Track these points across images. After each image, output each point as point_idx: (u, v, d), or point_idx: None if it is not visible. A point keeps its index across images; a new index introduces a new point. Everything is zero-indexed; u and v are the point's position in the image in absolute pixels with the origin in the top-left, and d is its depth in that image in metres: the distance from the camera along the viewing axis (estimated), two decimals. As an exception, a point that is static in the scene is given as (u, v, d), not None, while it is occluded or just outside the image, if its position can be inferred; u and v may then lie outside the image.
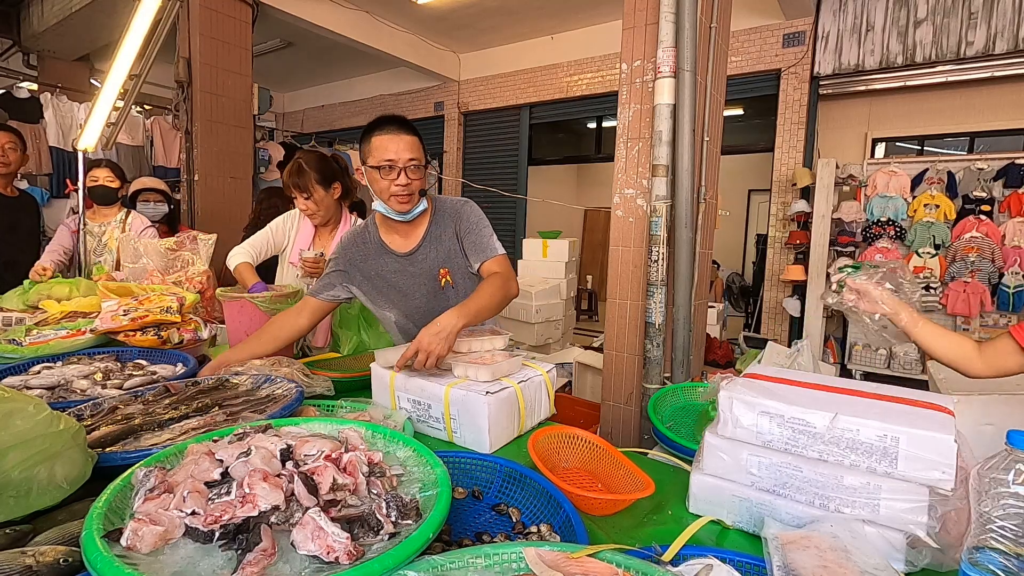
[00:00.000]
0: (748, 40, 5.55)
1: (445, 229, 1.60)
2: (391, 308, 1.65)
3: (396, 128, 1.47)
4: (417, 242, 1.59)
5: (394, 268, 1.62)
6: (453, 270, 1.59)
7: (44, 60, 6.02)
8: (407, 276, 1.61)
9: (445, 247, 1.59)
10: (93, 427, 0.97)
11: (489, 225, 1.61)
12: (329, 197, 2.07)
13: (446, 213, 1.61)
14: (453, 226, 1.59)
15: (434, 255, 1.59)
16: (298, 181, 2.00)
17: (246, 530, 0.63)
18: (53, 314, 1.77)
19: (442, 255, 1.59)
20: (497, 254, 1.56)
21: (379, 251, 1.63)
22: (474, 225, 1.58)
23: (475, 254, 1.57)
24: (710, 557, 0.65)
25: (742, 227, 8.33)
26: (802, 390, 0.88)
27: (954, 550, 0.69)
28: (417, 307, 1.62)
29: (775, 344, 2.52)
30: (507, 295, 1.48)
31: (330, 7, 5.70)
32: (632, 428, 2.50)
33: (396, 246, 1.61)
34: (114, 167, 2.87)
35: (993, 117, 4.95)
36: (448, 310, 1.30)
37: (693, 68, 2.20)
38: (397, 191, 1.46)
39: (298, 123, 9.48)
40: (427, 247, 1.59)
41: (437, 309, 1.50)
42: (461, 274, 1.60)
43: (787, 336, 5.60)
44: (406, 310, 1.64)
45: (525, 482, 0.91)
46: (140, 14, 2.47)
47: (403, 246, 1.61)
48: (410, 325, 1.63)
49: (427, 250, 1.59)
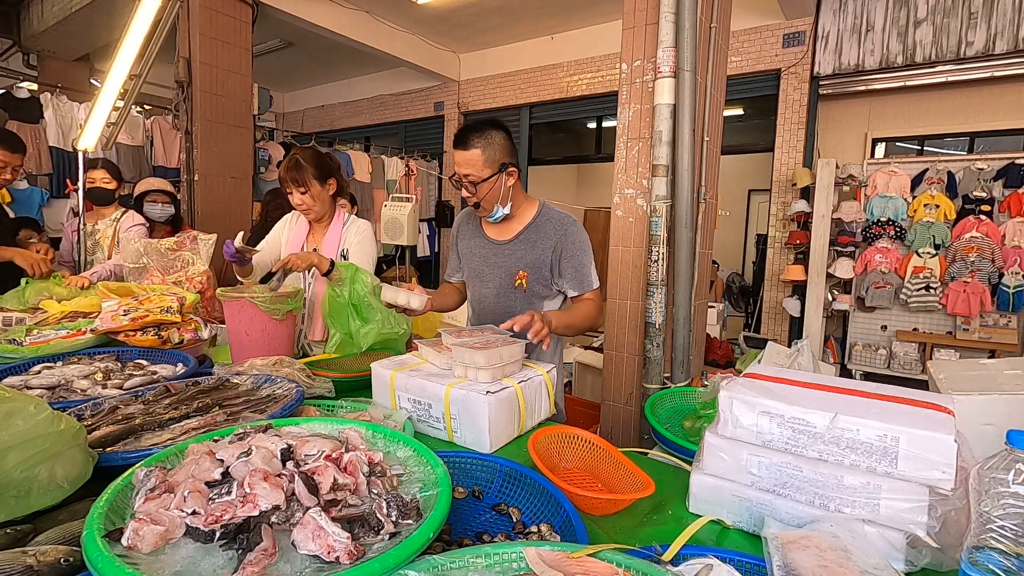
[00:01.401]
0: (748, 40, 5.55)
1: (544, 237, 1.63)
2: (470, 289, 1.77)
3: (457, 143, 1.56)
4: (511, 236, 1.67)
5: (482, 252, 1.71)
6: (532, 276, 1.63)
7: (44, 60, 6.02)
8: (490, 264, 1.69)
9: (535, 253, 1.63)
10: (93, 427, 0.97)
11: (591, 253, 1.65)
12: (325, 193, 2.07)
13: (551, 222, 1.64)
14: (554, 239, 1.61)
15: (520, 254, 1.64)
16: (296, 176, 2.01)
17: (247, 530, 0.63)
18: (53, 314, 1.77)
19: (528, 259, 1.63)
20: (594, 288, 1.62)
21: (477, 231, 1.74)
22: (579, 251, 1.61)
23: (574, 283, 1.61)
24: (710, 557, 0.65)
25: (742, 227, 8.32)
26: (802, 390, 0.88)
27: (954, 550, 0.69)
28: (485, 295, 1.70)
29: (775, 344, 2.51)
30: (595, 324, 1.62)
31: (330, 7, 5.70)
32: (632, 428, 2.50)
33: (492, 233, 1.70)
34: (111, 168, 2.88)
35: (993, 117, 4.95)
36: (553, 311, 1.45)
37: (693, 68, 2.20)
38: (471, 201, 1.60)
39: (298, 123, 9.48)
40: (517, 245, 1.66)
41: (503, 304, 1.67)
42: (541, 283, 1.63)
43: (787, 336, 5.60)
44: (478, 295, 1.74)
45: (525, 482, 0.91)
46: (140, 14, 2.47)
47: (499, 235, 1.69)
48: (478, 309, 1.74)
49: (516, 247, 1.66)
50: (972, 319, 4.71)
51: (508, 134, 1.58)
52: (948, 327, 4.92)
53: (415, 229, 5.28)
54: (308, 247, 2.14)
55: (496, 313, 1.68)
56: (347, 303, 1.87)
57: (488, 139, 1.52)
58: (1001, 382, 1.23)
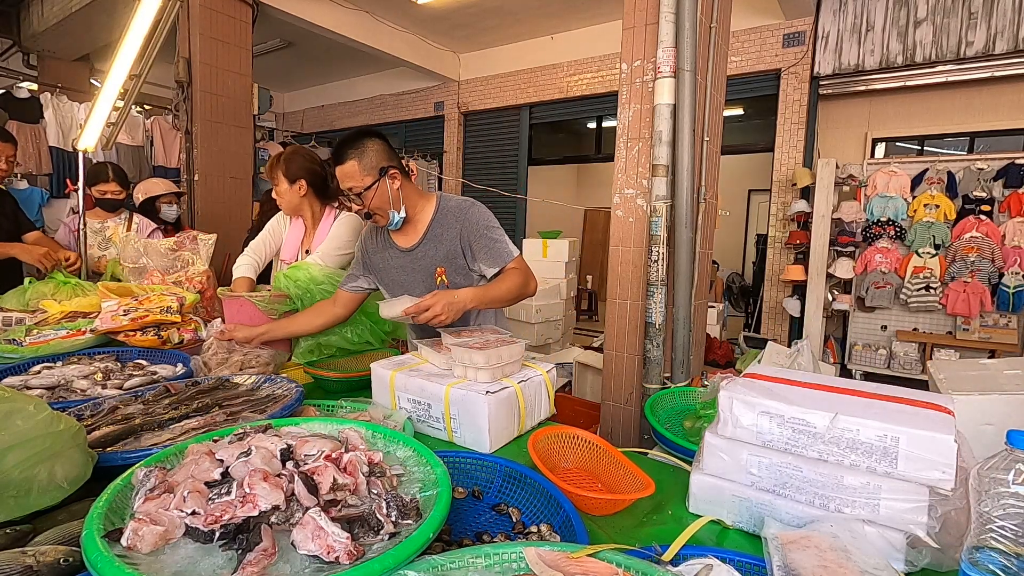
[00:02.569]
0: (748, 40, 5.55)
1: (448, 229, 1.61)
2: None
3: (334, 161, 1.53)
4: (418, 239, 1.63)
5: (397, 263, 1.68)
6: (451, 269, 1.61)
7: (44, 60, 6.02)
8: (407, 272, 1.66)
9: (445, 247, 1.61)
10: (93, 427, 0.97)
11: (499, 227, 1.62)
12: (292, 192, 2.07)
13: (450, 213, 1.62)
14: (458, 228, 1.60)
15: (432, 253, 1.62)
16: (270, 169, 2.09)
17: (246, 530, 0.63)
18: (53, 314, 1.77)
19: (441, 254, 1.62)
20: (513, 258, 1.58)
21: (386, 244, 1.70)
22: (484, 230, 1.58)
23: (491, 261, 1.57)
24: (710, 557, 0.65)
25: (742, 227, 8.33)
26: (802, 390, 0.88)
27: (954, 550, 0.69)
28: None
29: (775, 344, 2.51)
30: (524, 291, 1.55)
31: (330, 7, 5.70)
32: (632, 428, 2.50)
33: (400, 242, 1.67)
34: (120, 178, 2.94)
35: (993, 117, 4.95)
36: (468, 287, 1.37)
37: (693, 68, 2.20)
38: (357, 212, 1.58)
39: (298, 123, 9.48)
40: (427, 245, 1.63)
41: None
42: (459, 273, 1.61)
43: (787, 336, 5.60)
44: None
45: (525, 482, 0.91)
46: (140, 14, 2.47)
47: (405, 242, 1.66)
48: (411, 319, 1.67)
49: (426, 248, 1.63)
50: (972, 319, 4.71)
51: (383, 139, 1.55)
52: (948, 327, 4.92)
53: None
54: (302, 250, 2.15)
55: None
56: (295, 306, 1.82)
57: (361, 148, 1.50)
58: (1001, 382, 1.23)
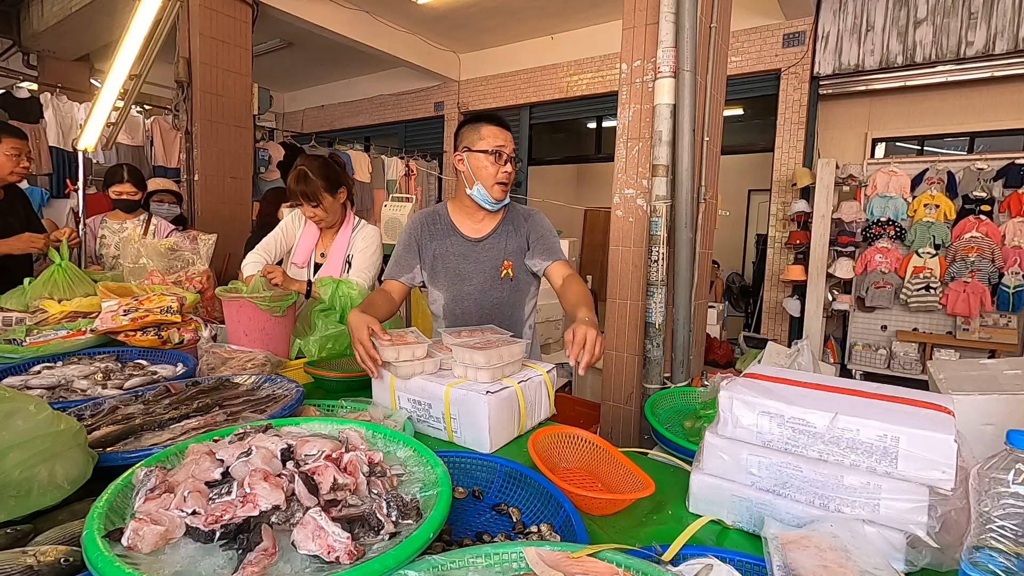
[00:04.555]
0: (748, 40, 5.55)
1: (518, 227, 1.71)
2: (444, 290, 1.72)
3: (502, 123, 1.62)
4: (489, 230, 1.69)
5: (459, 251, 1.70)
6: (516, 264, 1.69)
7: (44, 60, 6.02)
8: (470, 261, 1.69)
9: (515, 242, 1.70)
10: (94, 427, 0.97)
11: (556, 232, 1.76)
12: (336, 202, 2.06)
13: (519, 213, 1.75)
14: (526, 227, 1.72)
15: (502, 246, 1.69)
16: (305, 190, 1.97)
17: (247, 530, 0.63)
18: (53, 314, 1.77)
19: (510, 248, 1.69)
20: (564, 257, 1.71)
21: (447, 231, 1.71)
22: (547, 230, 1.73)
23: (545, 254, 1.69)
24: (710, 557, 0.65)
25: (742, 227, 8.32)
26: (802, 390, 0.88)
27: (954, 550, 0.69)
28: (470, 292, 1.69)
29: (775, 344, 2.52)
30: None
31: (330, 7, 5.70)
32: (632, 428, 2.50)
33: (466, 230, 1.70)
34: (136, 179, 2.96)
35: (993, 117, 4.95)
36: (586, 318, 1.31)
37: (693, 68, 2.20)
38: (503, 178, 1.59)
39: (298, 123, 9.48)
40: (498, 237, 1.69)
41: (489, 297, 1.68)
42: (521, 269, 1.71)
43: (787, 336, 5.60)
44: (458, 293, 1.71)
45: (525, 482, 0.91)
46: (140, 14, 2.47)
47: (474, 231, 1.70)
48: (458, 309, 1.71)
49: (498, 240, 1.69)
50: (972, 319, 4.71)
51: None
52: (948, 327, 4.93)
53: (415, 229, 5.29)
54: (317, 252, 2.15)
55: (481, 308, 1.69)
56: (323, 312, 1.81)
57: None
58: (1001, 382, 1.23)
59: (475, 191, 1.62)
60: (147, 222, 2.99)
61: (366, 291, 1.88)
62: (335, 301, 1.81)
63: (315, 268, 2.16)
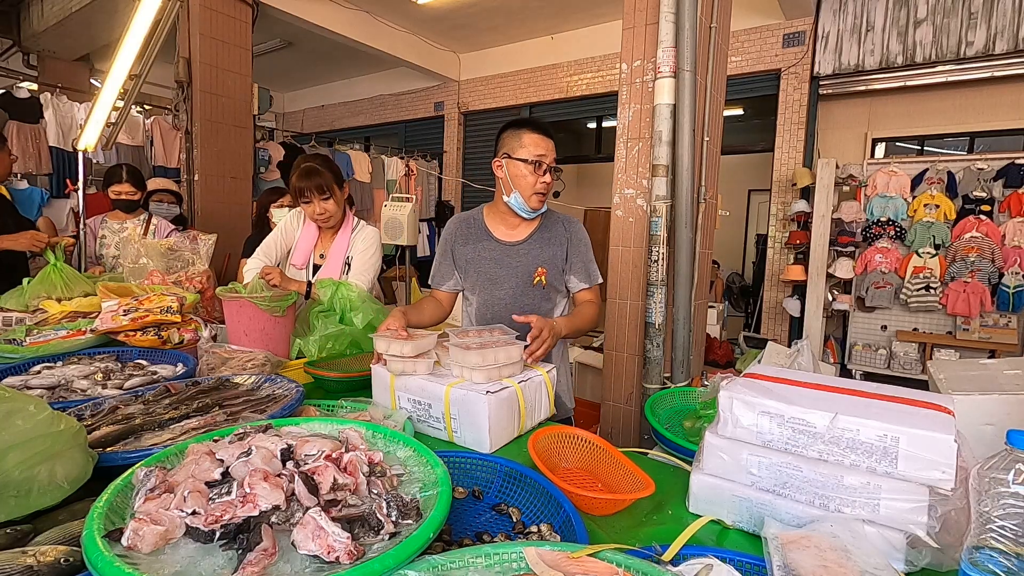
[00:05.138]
0: (748, 40, 5.55)
1: (556, 234, 1.67)
2: (476, 293, 1.70)
3: (545, 132, 1.57)
4: (525, 236, 1.66)
5: (492, 255, 1.67)
6: (550, 272, 1.65)
7: (44, 60, 6.02)
8: (503, 265, 1.66)
9: (550, 249, 1.66)
10: (93, 427, 0.97)
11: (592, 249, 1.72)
12: (342, 198, 2.08)
13: (558, 220, 1.71)
14: (567, 235, 1.68)
15: (537, 252, 1.65)
16: (319, 182, 1.98)
17: (247, 530, 0.63)
18: (53, 314, 1.77)
19: (545, 255, 1.65)
20: (598, 283, 1.68)
21: (481, 235, 1.69)
22: (586, 247, 1.69)
23: (581, 276, 1.67)
24: (710, 557, 0.65)
25: (742, 227, 8.32)
26: (802, 390, 0.88)
27: (954, 550, 0.69)
28: (501, 298, 1.66)
29: (775, 344, 2.52)
30: (594, 326, 1.65)
31: (330, 7, 5.70)
32: (632, 428, 2.50)
33: (500, 235, 1.68)
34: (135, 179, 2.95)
35: (993, 117, 4.95)
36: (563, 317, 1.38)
37: (693, 68, 2.20)
38: (542, 188, 1.56)
39: (298, 123, 9.48)
40: (533, 243, 1.66)
41: (520, 303, 1.65)
42: (555, 278, 1.66)
43: (787, 336, 5.60)
44: (489, 298, 1.68)
45: (525, 482, 0.91)
46: (140, 14, 2.47)
47: (509, 236, 1.67)
48: (488, 314, 1.68)
49: (532, 246, 1.65)
50: (972, 319, 4.71)
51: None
52: (948, 327, 4.93)
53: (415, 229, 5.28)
54: (316, 253, 2.15)
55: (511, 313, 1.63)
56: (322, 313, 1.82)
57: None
58: (1001, 382, 1.23)
59: (512, 199, 1.59)
60: (147, 222, 2.99)
61: (366, 293, 1.88)
62: (335, 303, 1.81)
63: (314, 269, 2.16)
